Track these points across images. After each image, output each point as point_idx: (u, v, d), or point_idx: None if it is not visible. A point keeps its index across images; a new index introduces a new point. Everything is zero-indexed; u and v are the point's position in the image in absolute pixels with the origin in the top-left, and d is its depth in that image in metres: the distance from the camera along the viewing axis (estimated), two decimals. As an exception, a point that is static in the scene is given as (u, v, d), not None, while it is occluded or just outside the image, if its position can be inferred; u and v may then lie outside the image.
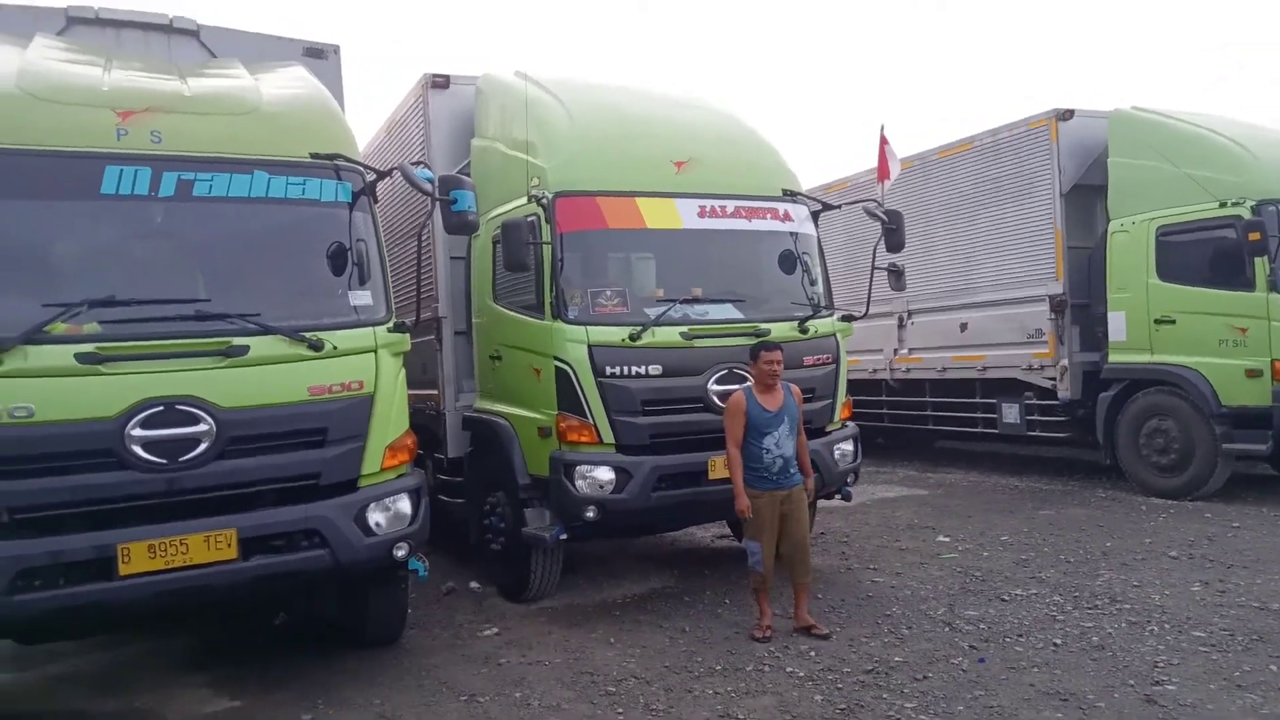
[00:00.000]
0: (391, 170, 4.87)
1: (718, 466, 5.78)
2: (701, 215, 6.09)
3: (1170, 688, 4.29)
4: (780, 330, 6.05)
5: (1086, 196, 9.88)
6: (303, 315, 4.55)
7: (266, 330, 4.38)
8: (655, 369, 5.71)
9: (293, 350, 4.43)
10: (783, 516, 5.31)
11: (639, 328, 5.69)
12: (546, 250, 5.75)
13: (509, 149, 6.44)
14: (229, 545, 4.22)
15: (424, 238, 5.28)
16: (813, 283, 6.45)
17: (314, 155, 4.71)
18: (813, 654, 5.05)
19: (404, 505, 4.76)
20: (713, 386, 5.79)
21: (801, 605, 5.47)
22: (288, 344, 4.42)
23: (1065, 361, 9.81)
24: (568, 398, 5.69)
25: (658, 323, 5.75)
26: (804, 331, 6.15)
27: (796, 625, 5.43)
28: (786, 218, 6.39)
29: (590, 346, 5.64)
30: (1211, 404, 8.49)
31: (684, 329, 5.79)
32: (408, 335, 4.85)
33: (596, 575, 6.97)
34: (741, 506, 5.25)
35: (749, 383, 5.47)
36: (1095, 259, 9.67)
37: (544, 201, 5.76)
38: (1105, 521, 8.07)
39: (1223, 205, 8.46)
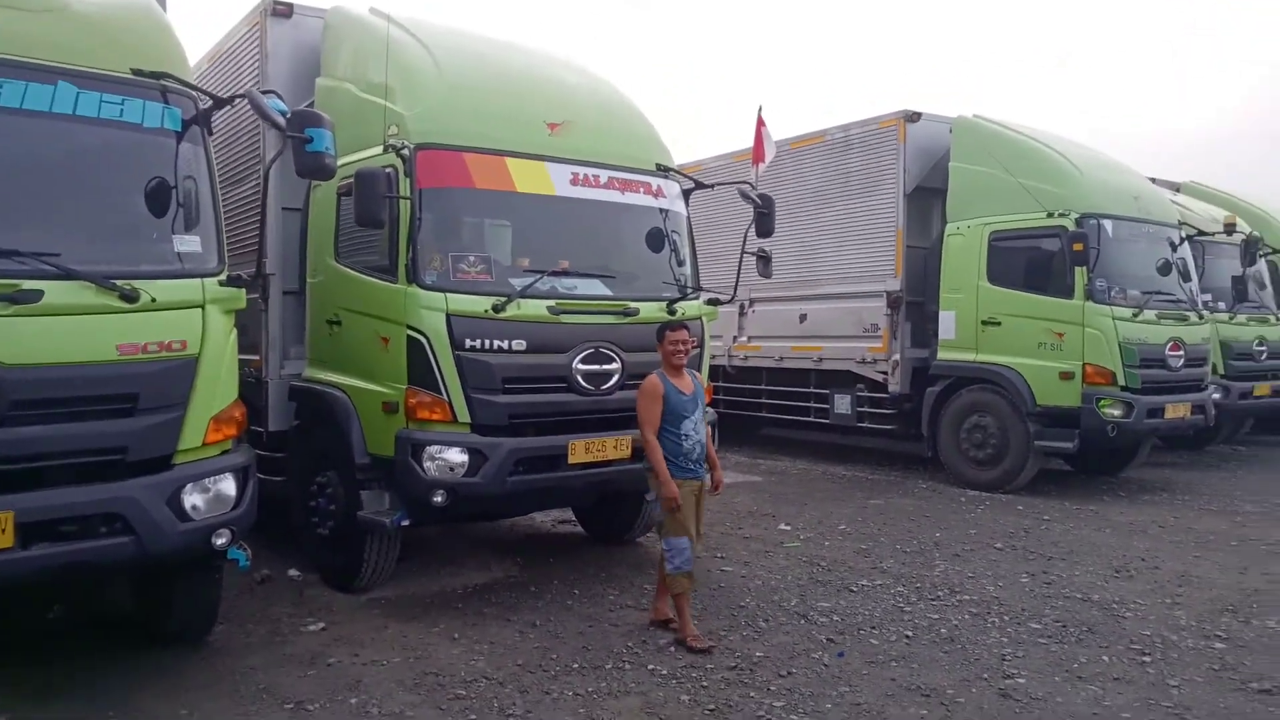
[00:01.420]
0: (236, 97, 4.19)
1: (578, 450, 5.47)
2: (574, 183, 5.71)
3: (1020, 681, 4.41)
4: (649, 310, 5.79)
5: (926, 198, 10.29)
6: (115, 260, 3.85)
7: (67, 274, 3.64)
8: (519, 344, 5.29)
9: (100, 300, 3.71)
10: None
11: (504, 298, 5.26)
12: (404, 206, 5.20)
13: (363, 92, 5.79)
14: (3, 531, 3.47)
15: (267, 182, 4.59)
16: (681, 263, 6.23)
17: (136, 71, 3.96)
18: (672, 649, 4.86)
19: (228, 486, 4.14)
20: (578, 365, 5.45)
21: (663, 597, 5.24)
22: (94, 292, 3.69)
23: (897, 356, 10.20)
24: (420, 371, 5.18)
25: (524, 294, 5.34)
26: (672, 313, 5.92)
27: (655, 618, 5.21)
28: (660, 194, 6.13)
29: (449, 316, 5.15)
30: (1028, 403, 9.06)
31: (551, 303, 5.41)
32: (243, 291, 4.21)
33: (431, 562, 6.49)
34: (671, 494, 4.82)
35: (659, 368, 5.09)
36: (931, 259, 10.09)
37: (404, 152, 5.19)
38: (931, 512, 8.43)
39: (1050, 215, 9.02)
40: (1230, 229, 11.41)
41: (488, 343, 5.22)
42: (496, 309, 5.22)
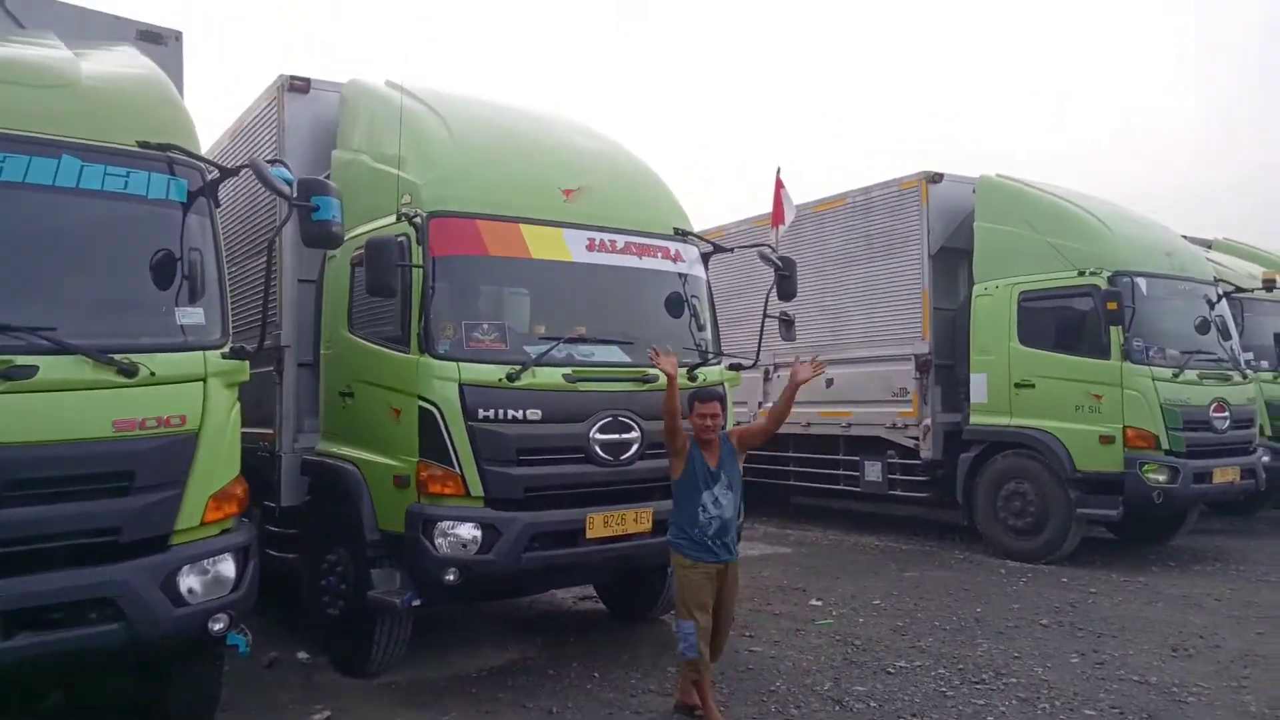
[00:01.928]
0: (240, 168, 4.12)
1: (596, 524, 5.23)
2: (590, 249, 5.59)
3: (1079, 777, 4.05)
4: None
5: (952, 259, 10.11)
6: (116, 333, 3.73)
7: (63, 349, 3.52)
8: (534, 414, 5.11)
9: (97, 374, 3.58)
10: (717, 598, 4.75)
11: (518, 367, 5.09)
12: (416, 275, 5.09)
13: (377, 162, 5.75)
14: (-15, 621, 3.30)
15: (273, 252, 4.48)
16: (701, 328, 6.06)
17: (142, 144, 3.91)
18: (698, 739, 4.54)
19: (226, 568, 3.94)
20: (596, 435, 5.25)
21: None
22: (91, 367, 3.57)
23: (928, 421, 9.91)
24: (432, 443, 4.99)
25: (539, 362, 5.17)
26: (693, 379, 5.73)
27: (681, 700, 4.89)
28: (678, 258, 5.99)
29: (461, 385, 4.99)
30: (1067, 468, 8.70)
31: (567, 370, 5.24)
32: (246, 363, 4.07)
33: (446, 643, 6.21)
34: (668, 367, 4.63)
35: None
36: (959, 321, 9.86)
37: (416, 221, 5.11)
38: (970, 585, 8.03)
39: (1081, 274, 8.79)
40: (1271, 285, 11.08)
41: (502, 413, 5.03)
42: (511, 378, 5.06)
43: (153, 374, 3.71)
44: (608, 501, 5.31)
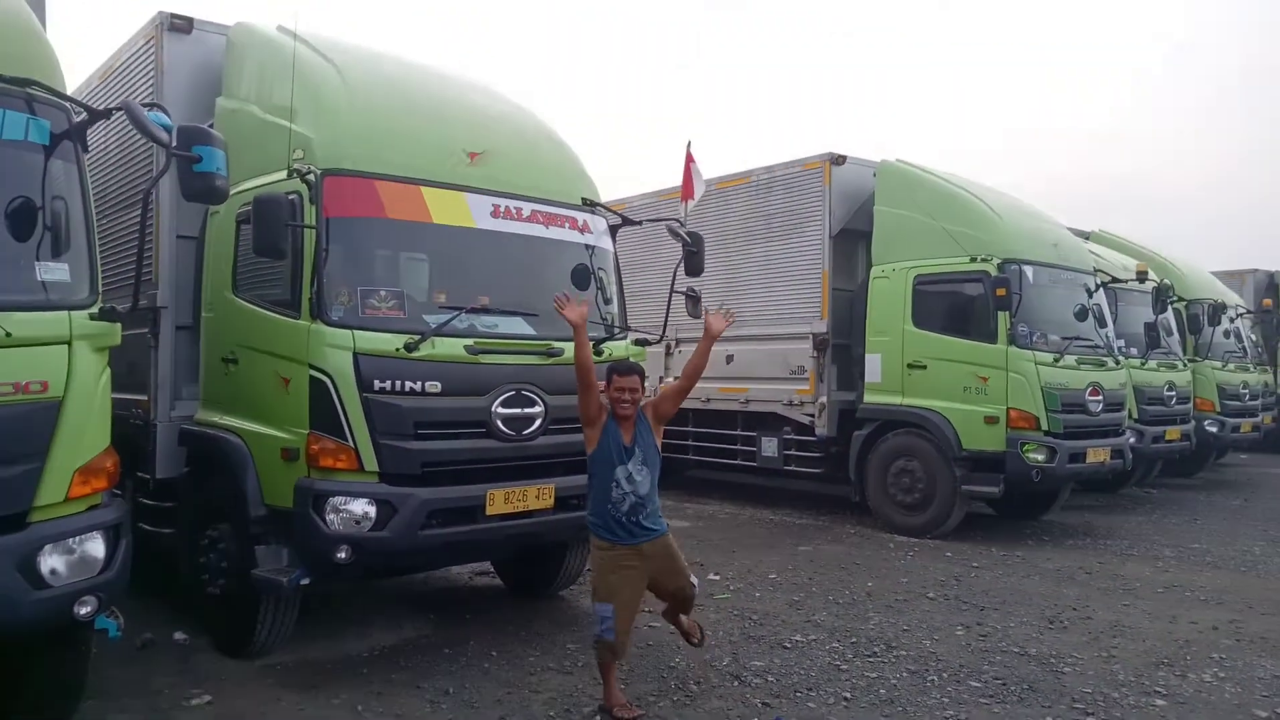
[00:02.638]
0: (113, 110, 3.76)
1: (496, 501, 5.09)
2: (495, 215, 5.39)
3: (967, 747, 4.18)
4: (574, 350, 5.47)
5: (851, 241, 10.29)
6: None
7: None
8: (433, 386, 4.90)
9: (-60, 334, 3.21)
10: (653, 577, 4.60)
11: (416, 337, 4.87)
12: (308, 236, 4.80)
13: (266, 114, 5.39)
14: None
15: (149, 204, 4.12)
16: (608, 301, 5.95)
17: (-4, 76, 3.51)
18: (598, 718, 4.48)
19: (95, 546, 3.64)
20: (498, 409, 5.09)
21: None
22: (-67, 325, 3.20)
23: (824, 399, 10.10)
24: (323, 415, 4.74)
25: (439, 332, 4.96)
26: (598, 354, 5.61)
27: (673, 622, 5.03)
28: (586, 229, 5.85)
29: (356, 355, 4.74)
30: (954, 447, 9.01)
31: (469, 342, 5.05)
32: (118, 325, 3.74)
33: (336, 622, 5.97)
34: (574, 315, 4.49)
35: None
36: (857, 302, 10.06)
37: (309, 178, 4.80)
38: (861, 559, 8.25)
39: (973, 260, 9.07)
40: (1142, 277, 11.76)
41: (399, 384, 4.81)
42: (409, 348, 4.83)
43: (8, 334, 3.36)
44: (509, 477, 5.17)
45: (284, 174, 4.89)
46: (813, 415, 10.19)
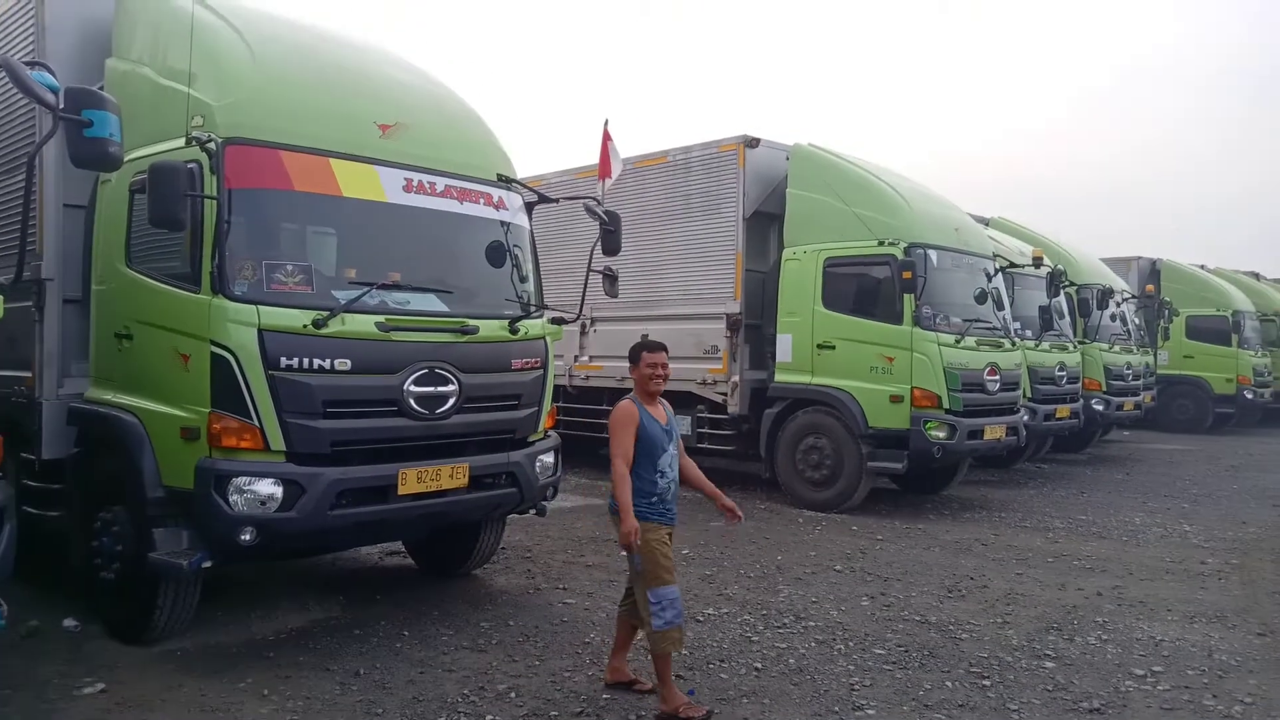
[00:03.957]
0: (-11, 66, 3.52)
1: (409, 480, 5.01)
2: (408, 190, 5.27)
3: (870, 712, 4.34)
4: (489, 329, 5.43)
5: (765, 223, 10.44)
6: None
7: None
8: (343, 363, 4.78)
9: None
10: None
11: (325, 313, 4.73)
12: (209, 207, 4.60)
13: (162, 77, 5.13)
14: None
15: (33, 170, 3.89)
16: (524, 279, 5.89)
17: None
18: (513, 695, 4.49)
19: (-26, 533, 3.45)
20: (410, 387, 5.00)
21: (624, 656, 4.65)
22: None
23: (736, 378, 10.25)
24: (226, 393, 4.57)
25: (349, 309, 4.83)
26: (514, 332, 5.58)
27: (612, 679, 4.58)
28: (501, 205, 5.77)
29: (261, 331, 4.58)
30: (860, 425, 9.29)
31: (380, 319, 4.93)
32: (0, 298, 3.53)
33: (241, 605, 5.80)
34: (630, 529, 4.16)
35: (630, 393, 4.56)
36: (769, 283, 10.22)
37: (210, 147, 4.60)
38: (771, 534, 8.44)
39: (880, 244, 9.32)
40: (1038, 262, 12.28)
41: (307, 361, 4.67)
42: (317, 324, 4.69)
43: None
44: (422, 456, 5.11)
45: (182, 141, 4.67)
46: (725, 394, 10.33)
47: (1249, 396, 19.53)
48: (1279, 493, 11.61)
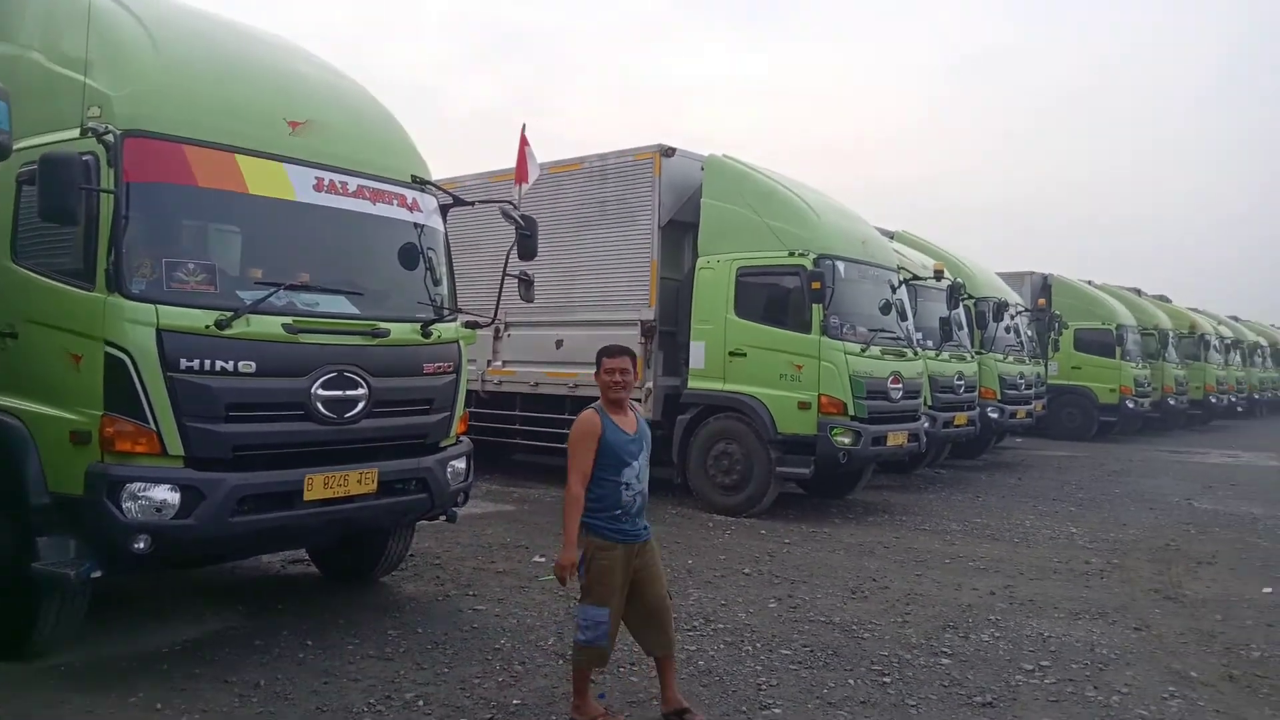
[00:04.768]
0: None
1: (315, 485, 4.90)
2: (318, 189, 5.15)
3: (777, 711, 4.44)
4: (400, 332, 5.35)
5: (680, 231, 10.57)
6: None
7: None
8: (247, 365, 4.65)
9: None
10: (635, 577, 4.14)
11: (229, 313, 4.59)
12: (105, 201, 4.42)
13: (54, 64, 4.91)
14: None
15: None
16: (437, 282, 5.83)
17: None
18: (421, 703, 4.43)
19: None
20: (318, 391, 4.89)
21: (671, 684, 4.25)
22: None
23: (650, 384, 10.33)
24: (121, 395, 4.39)
25: (255, 309, 4.70)
26: (427, 335, 5.52)
27: (667, 709, 4.21)
28: (415, 207, 5.70)
29: (160, 331, 4.42)
30: (770, 431, 9.49)
31: (288, 320, 4.81)
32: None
33: (135, 616, 5.57)
34: (567, 561, 3.99)
35: (596, 402, 4.34)
36: (683, 291, 10.36)
37: (108, 138, 4.42)
38: (681, 538, 8.54)
39: (791, 254, 9.56)
40: (939, 275, 12.76)
41: (208, 363, 4.53)
42: (220, 325, 4.55)
43: None
44: (330, 461, 5.00)
45: (77, 132, 4.48)
46: (640, 400, 10.39)
47: (1130, 406, 20.70)
48: (1156, 497, 12.35)
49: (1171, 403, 22.88)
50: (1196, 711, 4.63)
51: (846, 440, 9.31)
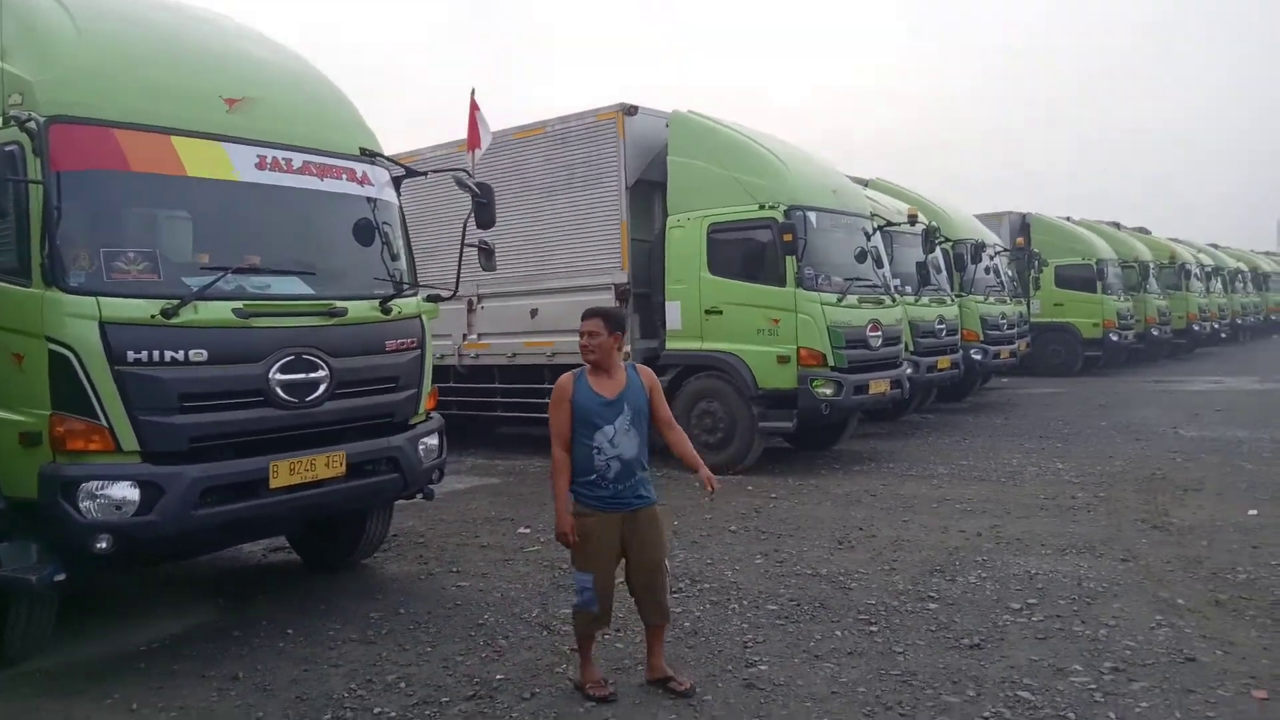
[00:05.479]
0: None
1: (281, 472, 4.79)
2: (261, 167, 4.98)
3: (763, 668, 4.39)
4: (359, 310, 5.21)
5: (648, 191, 10.39)
6: None
7: None
8: (198, 354, 4.51)
9: None
10: (626, 545, 4.09)
11: (175, 301, 4.44)
12: (35, 192, 4.24)
13: (-30, 52, 4.70)
14: None
15: None
16: (394, 257, 5.67)
17: None
18: (403, 684, 4.36)
19: None
20: (276, 375, 4.76)
21: (657, 652, 4.24)
22: None
23: (628, 348, 10.17)
24: (68, 393, 4.25)
25: (202, 295, 4.55)
26: (387, 312, 5.38)
27: (651, 676, 4.23)
28: (365, 181, 5.53)
29: (103, 324, 4.27)
30: (750, 387, 9.41)
31: (238, 305, 4.67)
32: None
33: (109, 615, 5.47)
34: (563, 529, 4.02)
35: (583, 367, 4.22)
36: (655, 251, 10.21)
37: (31, 126, 4.23)
38: (667, 499, 8.44)
39: (761, 208, 9.41)
40: (913, 220, 12.64)
41: (158, 354, 4.38)
42: (167, 313, 4.40)
43: None
44: (295, 446, 4.88)
45: (-1, 121, 4.29)
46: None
47: (1114, 339, 20.74)
48: (1142, 427, 12.37)
49: (1155, 333, 22.93)
50: (1184, 639, 4.61)
51: (828, 391, 9.25)
